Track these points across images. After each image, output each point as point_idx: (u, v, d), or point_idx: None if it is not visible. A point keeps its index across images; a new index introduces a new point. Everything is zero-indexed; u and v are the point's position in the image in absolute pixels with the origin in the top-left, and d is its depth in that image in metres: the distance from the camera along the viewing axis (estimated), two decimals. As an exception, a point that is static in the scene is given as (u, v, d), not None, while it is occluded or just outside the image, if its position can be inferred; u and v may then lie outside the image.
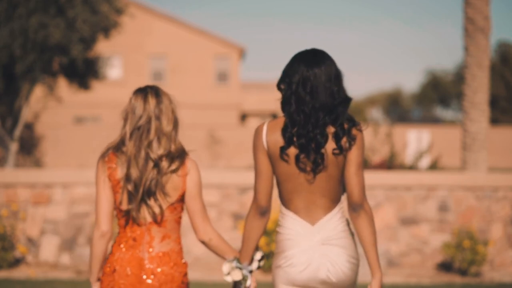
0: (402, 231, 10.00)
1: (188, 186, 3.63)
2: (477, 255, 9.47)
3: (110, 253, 3.66)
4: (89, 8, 20.23)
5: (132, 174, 3.57)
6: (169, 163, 3.59)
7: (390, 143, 13.40)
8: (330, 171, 3.46)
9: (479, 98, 10.98)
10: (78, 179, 9.98)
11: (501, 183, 10.05)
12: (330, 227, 3.49)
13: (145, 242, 3.61)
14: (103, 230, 3.62)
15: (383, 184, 9.98)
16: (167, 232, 3.63)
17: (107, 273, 3.63)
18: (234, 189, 9.89)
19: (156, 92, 3.63)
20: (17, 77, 20.64)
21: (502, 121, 43.15)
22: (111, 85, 39.73)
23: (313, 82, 3.44)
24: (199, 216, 3.66)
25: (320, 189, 3.48)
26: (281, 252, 3.52)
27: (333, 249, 3.47)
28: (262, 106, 44.71)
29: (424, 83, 63.62)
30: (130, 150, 3.58)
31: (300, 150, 3.44)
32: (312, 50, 3.54)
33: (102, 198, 3.62)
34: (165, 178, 3.60)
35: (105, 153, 3.65)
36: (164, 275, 3.60)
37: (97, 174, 3.64)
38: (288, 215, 3.52)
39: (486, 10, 11.03)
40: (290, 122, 3.45)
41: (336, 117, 3.45)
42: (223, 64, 42.31)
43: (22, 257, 9.89)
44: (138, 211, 3.60)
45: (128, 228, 3.63)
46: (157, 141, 3.58)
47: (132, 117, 3.61)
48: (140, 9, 40.16)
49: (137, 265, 3.60)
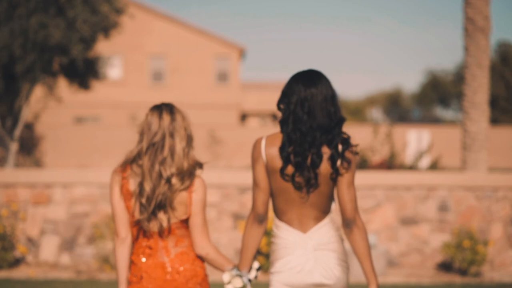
0: (402, 231, 10.00)
1: (193, 202, 3.85)
2: (477, 255, 9.47)
3: (132, 264, 3.91)
4: (89, 8, 20.22)
5: (145, 187, 3.81)
6: (180, 182, 3.82)
7: (390, 143, 13.40)
8: (322, 188, 3.67)
9: (479, 98, 10.98)
10: (78, 179, 9.98)
11: (501, 183, 10.05)
12: (321, 234, 3.69)
13: (160, 248, 3.87)
14: (122, 237, 3.89)
15: (383, 184, 9.98)
16: (179, 237, 3.88)
17: (134, 281, 3.89)
18: (234, 189, 9.89)
19: (170, 110, 3.87)
20: (17, 77, 20.63)
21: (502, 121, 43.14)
22: (111, 85, 39.73)
23: (310, 103, 3.62)
24: (199, 231, 3.86)
25: (311, 203, 3.68)
26: (277, 260, 3.72)
27: (325, 254, 3.67)
28: (262, 106, 44.70)
29: (424, 83, 63.60)
30: (146, 165, 3.83)
31: (296, 169, 3.62)
32: (309, 71, 3.72)
33: (118, 208, 3.89)
34: (174, 194, 3.83)
35: (121, 164, 3.91)
36: (188, 272, 3.85)
37: (111, 185, 3.91)
38: (281, 226, 3.72)
39: (486, 10, 11.03)
40: (288, 141, 3.63)
41: (332, 138, 3.63)
42: (223, 64, 42.29)
43: (22, 257, 9.90)
44: (149, 222, 3.84)
45: (141, 238, 3.89)
46: (170, 157, 3.82)
47: (148, 133, 3.86)
48: (140, 9, 40.16)
49: (160, 269, 3.85)
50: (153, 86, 41.52)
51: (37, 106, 28.79)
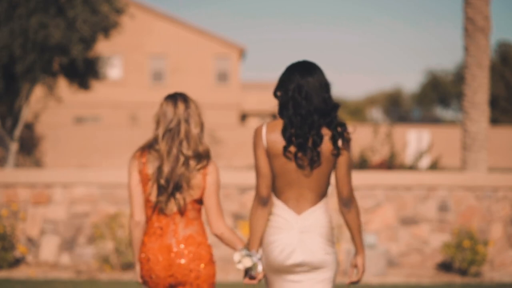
0: (402, 231, 10.01)
1: (208, 184, 4.12)
2: (477, 255, 9.47)
3: (142, 244, 4.16)
4: (89, 8, 20.22)
5: (164, 169, 4.07)
6: (196, 162, 4.10)
7: (390, 143, 13.40)
8: (323, 168, 3.96)
9: (479, 98, 10.98)
10: (78, 179, 9.98)
11: (501, 183, 10.05)
12: (313, 218, 3.98)
13: (170, 230, 4.11)
14: (137, 220, 4.15)
15: (383, 184, 9.98)
16: (189, 219, 4.13)
17: (143, 261, 4.14)
18: (234, 189, 9.89)
19: (184, 98, 4.15)
20: (17, 77, 20.63)
21: (502, 121, 43.14)
22: (111, 85, 39.73)
23: (307, 89, 3.94)
24: (214, 212, 4.13)
25: (309, 184, 3.97)
26: (269, 235, 4.01)
27: (311, 237, 3.96)
28: (262, 106, 44.69)
29: (424, 83, 63.57)
30: (163, 149, 4.08)
31: (298, 149, 3.92)
32: (304, 61, 4.04)
33: (135, 191, 4.13)
34: (191, 175, 4.08)
35: (138, 150, 4.16)
36: (192, 254, 4.09)
37: (129, 169, 4.15)
38: (278, 204, 4.01)
39: (486, 10, 11.03)
40: (289, 124, 3.93)
41: (331, 121, 3.95)
42: (223, 64, 42.30)
43: (22, 257, 9.90)
44: (167, 203, 4.09)
45: (154, 218, 4.13)
46: (186, 141, 4.09)
47: (163, 120, 4.11)
48: (140, 9, 40.16)
49: (166, 251, 4.09)
50: (153, 86, 41.52)
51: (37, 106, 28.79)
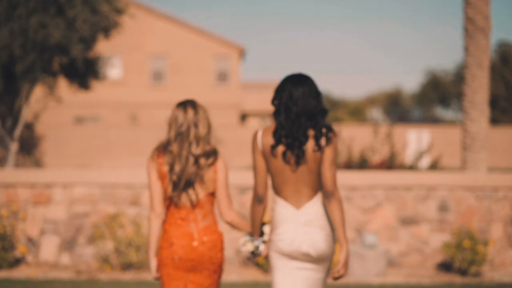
0: (402, 231, 10.00)
1: (218, 179, 4.68)
2: (477, 255, 9.47)
3: (164, 232, 4.67)
4: (89, 8, 20.22)
5: (176, 169, 4.62)
6: (206, 159, 4.65)
7: (390, 143, 13.40)
8: (310, 165, 4.45)
9: (479, 98, 10.98)
10: (78, 179, 9.98)
11: (501, 183, 10.05)
12: (312, 212, 4.48)
13: (191, 219, 4.66)
14: (157, 212, 4.66)
15: (383, 184, 9.98)
16: (206, 212, 4.69)
17: (166, 246, 4.65)
18: (234, 189, 9.89)
19: (193, 105, 4.71)
20: (17, 77, 20.62)
21: (502, 121, 43.14)
22: (111, 85, 39.72)
23: (297, 96, 4.47)
24: (225, 203, 4.70)
25: (303, 180, 4.47)
26: (274, 229, 4.54)
27: (313, 229, 4.46)
28: (262, 106, 44.68)
29: (424, 83, 63.53)
30: (175, 150, 4.64)
31: (286, 147, 4.45)
32: (297, 74, 4.57)
33: (155, 188, 4.67)
34: (203, 172, 4.65)
35: (154, 152, 4.70)
36: (210, 242, 4.66)
37: (149, 169, 4.68)
38: (278, 201, 4.54)
39: (486, 10, 11.03)
40: (280, 127, 4.46)
41: (316, 123, 4.45)
42: (223, 64, 42.28)
43: (22, 257, 9.90)
44: (179, 197, 4.64)
45: (174, 210, 4.67)
46: (195, 143, 4.64)
47: (175, 124, 4.67)
48: (140, 9, 40.15)
49: (188, 238, 4.64)
50: (153, 86, 41.51)
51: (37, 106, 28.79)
